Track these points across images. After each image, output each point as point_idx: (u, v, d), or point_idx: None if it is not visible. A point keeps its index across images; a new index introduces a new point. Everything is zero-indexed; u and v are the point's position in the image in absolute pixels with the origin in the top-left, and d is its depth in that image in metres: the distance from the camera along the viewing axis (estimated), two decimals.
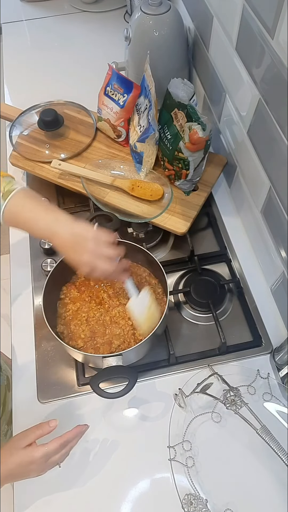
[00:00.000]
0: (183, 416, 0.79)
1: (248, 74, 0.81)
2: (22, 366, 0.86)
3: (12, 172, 1.13)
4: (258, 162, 0.85)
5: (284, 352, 0.81)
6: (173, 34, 1.06)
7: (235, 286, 0.96)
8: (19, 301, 0.94)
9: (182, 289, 0.94)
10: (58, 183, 1.04)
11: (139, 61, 1.08)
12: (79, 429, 0.70)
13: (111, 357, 0.72)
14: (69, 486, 0.75)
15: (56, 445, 0.65)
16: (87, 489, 0.74)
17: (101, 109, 1.07)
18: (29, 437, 0.65)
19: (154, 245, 1.01)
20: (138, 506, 0.73)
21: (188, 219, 0.95)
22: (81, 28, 1.51)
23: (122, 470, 0.76)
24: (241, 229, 1.02)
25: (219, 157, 1.06)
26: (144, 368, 0.85)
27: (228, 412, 0.78)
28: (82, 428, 0.71)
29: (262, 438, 0.74)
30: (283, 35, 0.65)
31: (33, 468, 0.65)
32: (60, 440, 0.66)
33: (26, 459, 0.63)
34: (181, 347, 0.88)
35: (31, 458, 0.63)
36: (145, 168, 1.02)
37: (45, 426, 0.66)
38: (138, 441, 0.78)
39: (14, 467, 0.63)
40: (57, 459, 0.67)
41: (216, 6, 0.92)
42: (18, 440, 0.65)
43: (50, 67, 1.40)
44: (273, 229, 0.85)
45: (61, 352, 0.87)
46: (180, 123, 0.91)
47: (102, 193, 0.99)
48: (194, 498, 0.70)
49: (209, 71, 1.04)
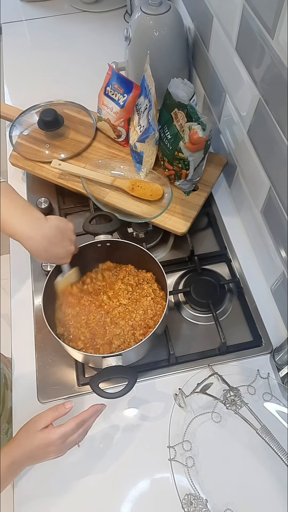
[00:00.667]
0: (183, 416, 0.79)
1: (248, 74, 0.81)
2: (22, 366, 0.86)
3: (12, 172, 1.14)
4: (258, 162, 0.85)
5: (284, 352, 0.81)
6: (173, 34, 1.06)
7: (235, 286, 0.96)
8: (19, 301, 0.94)
9: (182, 289, 0.94)
10: (58, 183, 1.04)
11: (139, 61, 1.08)
12: (95, 408, 0.70)
13: (111, 357, 0.72)
14: (69, 486, 0.75)
15: (72, 425, 0.66)
16: (87, 489, 0.74)
17: (101, 109, 1.07)
18: (45, 419, 0.66)
19: (154, 245, 1.01)
20: (138, 506, 0.73)
21: (188, 219, 0.95)
22: (81, 28, 1.51)
23: (122, 470, 0.76)
24: (241, 229, 1.02)
25: (219, 157, 1.06)
26: (144, 368, 0.85)
27: (228, 412, 0.78)
28: (98, 407, 0.71)
29: (262, 438, 0.74)
30: (283, 35, 0.65)
31: (51, 450, 0.65)
32: (76, 419, 0.67)
33: (44, 441, 0.64)
34: (181, 347, 0.88)
35: (48, 440, 0.64)
36: (145, 168, 1.02)
37: (61, 407, 0.67)
38: (138, 441, 0.78)
39: (33, 449, 0.64)
40: (75, 439, 0.68)
41: (216, 6, 0.92)
42: (35, 422, 0.66)
43: (50, 67, 1.40)
44: (273, 229, 0.85)
45: (61, 352, 0.87)
46: (180, 123, 0.91)
47: (102, 193, 0.99)
48: (194, 498, 0.70)
49: (209, 71, 1.04)
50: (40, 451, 0.65)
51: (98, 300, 0.85)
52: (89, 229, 0.86)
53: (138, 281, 0.87)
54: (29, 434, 0.65)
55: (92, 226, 0.87)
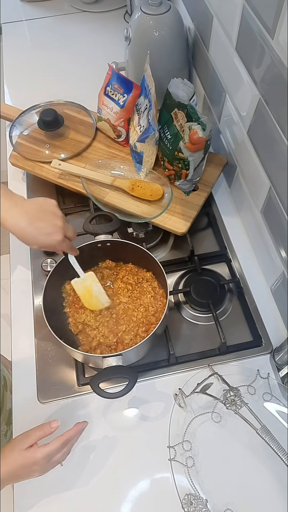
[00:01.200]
0: (183, 416, 0.79)
1: (248, 74, 0.81)
2: (22, 366, 0.86)
3: (12, 172, 1.14)
4: (258, 162, 0.85)
5: (284, 352, 0.81)
6: (173, 34, 1.06)
7: (235, 286, 0.96)
8: (19, 301, 0.94)
9: (182, 289, 0.94)
10: (58, 183, 1.04)
11: (139, 61, 1.08)
12: (79, 426, 0.70)
13: (111, 357, 0.72)
14: (69, 486, 0.75)
15: (57, 444, 0.66)
16: (87, 489, 0.74)
17: (101, 109, 1.07)
18: (30, 438, 0.65)
19: (154, 245, 1.01)
20: (138, 506, 0.73)
21: (188, 219, 0.96)
22: (81, 28, 1.51)
23: (122, 470, 0.76)
24: (241, 229, 1.02)
25: (219, 157, 1.06)
26: (144, 368, 0.85)
27: (228, 412, 0.78)
28: (82, 425, 0.71)
29: (262, 438, 0.74)
30: (283, 35, 0.65)
31: (35, 468, 0.65)
32: (61, 439, 0.67)
33: (29, 460, 0.64)
34: (181, 347, 0.88)
35: (33, 460, 0.64)
36: (145, 168, 1.02)
37: (47, 427, 0.66)
38: (138, 441, 0.78)
39: (17, 468, 0.64)
40: (59, 458, 0.68)
41: (216, 6, 0.92)
42: (20, 441, 0.65)
43: (50, 67, 1.40)
44: (273, 229, 0.85)
45: (61, 352, 0.87)
46: (180, 123, 0.91)
47: (102, 193, 0.99)
48: (194, 498, 0.70)
49: (209, 71, 1.04)
50: (24, 470, 0.65)
51: None
52: (89, 229, 0.86)
53: (138, 280, 0.87)
54: (14, 453, 0.64)
55: (92, 226, 0.87)
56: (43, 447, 0.65)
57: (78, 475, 0.75)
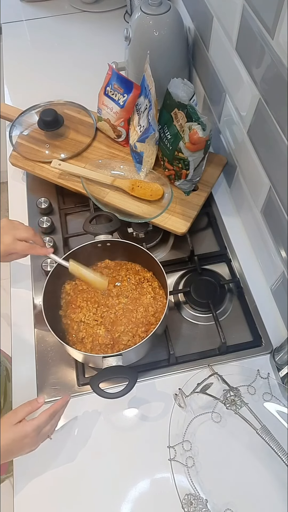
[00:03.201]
0: (183, 416, 0.79)
1: (248, 74, 0.81)
2: (22, 366, 0.86)
3: (12, 172, 1.14)
4: (258, 162, 0.85)
5: (284, 352, 0.81)
6: (173, 34, 1.06)
7: (235, 286, 0.96)
8: (19, 301, 0.94)
9: (182, 289, 0.94)
10: (58, 183, 1.04)
11: (139, 61, 1.08)
12: (64, 399, 0.74)
13: (111, 357, 0.72)
14: (69, 486, 0.75)
15: (45, 416, 0.69)
16: (87, 489, 0.74)
17: (101, 109, 1.07)
18: (19, 414, 0.68)
19: (154, 245, 1.01)
20: (138, 506, 0.73)
21: (188, 219, 0.96)
22: (81, 28, 1.51)
23: (122, 470, 0.76)
24: (241, 229, 1.02)
25: (219, 157, 1.06)
26: (144, 368, 0.85)
27: (228, 412, 0.78)
28: (67, 398, 0.75)
29: (262, 438, 0.74)
30: (283, 35, 0.65)
31: (26, 442, 0.67)
32: (48, 411, 0.70)
33: (20, 434, 0.66)
34: (181, 347, 0.88)
35: (24, 433, 0.66)
36: (145, 168, 1.02)
37: (34, 402, 0.70)
38: (138, 441, 0.78)
39: (8, 443, 0.66)
40: (47, 430, 0.71)
41: (216, 6, 0.92)
42: (9, 418, 0.68)
43: (50, 67, 1.40)
44: (273, 229, 0.85)
45: (61, 352, 0.87)
46: (180, 123, 0.91)
47: (102, 193, 0.99)
48: (194, 498, 0.70)
49: (209, 71, 1.04)
50: (15, 444, 0.67)
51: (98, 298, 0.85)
52: (89, 229, 0.86)
53: (138, 280, 0.87)
54: (4, 429, 0.67)
55: (92, 226, 0.87)
56: (31, 420, 0.68)
57: (78, 475, 0.75)
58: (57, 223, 1.05)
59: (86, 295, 0.85)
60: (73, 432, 0.79)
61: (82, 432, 0.79)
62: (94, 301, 0.84)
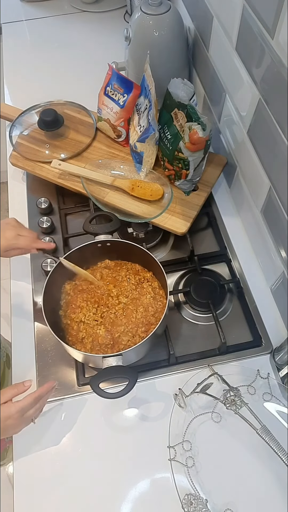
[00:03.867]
0: (183, 416, 0.79)
1: (248, 74, 0.81)
2: (22, 366, 0.86)
3: (12, 172, 1.14)
4: (258, 162, 0.85)
5: (284, 352, 0.81)
6: (173, 34, 1.06)
7: (235, 286, 0.96)
8: (19, 301, 0.94)
9: (182, 289, 0.94)
10: (58, 183, 1.04)
11: (139, 61, 1.08)
12: (50, 384, 0.74)
13: (111, 357, 0.72)
14: (69, 486, 0.75)
15: (30, 399, 0.69)
16: (87, 489, 0.74)
17: (101, 109, 1.07)
18: (5, 396, 0.69)
19: (154, 245, 1.01)
20: (138, 506, 0.73)
21: (188, 219, 0.96)
22: (81, 28, 1.51)
23: (122, 470, 0.76)
24: (241, 229, 1.02)
25: (219, 157, 1.06)
26: (144, 368, 0.85)
27: (228, 412, 0.78)
28: (53, 383, 0.76)
29: (262, 438, 0.74)
30: (283, 35, 0.65)
31: (10, 423, 0.68)
32: (33, 395, 0.70)
33: (4, 414, 0.67)
34: (181, 347, 0.88)
35: (8, 413, 0.67)
36: (145, 168, 1.02)
37: (20, 385, 0.71)
38: (138, 441, 0.78)
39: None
40: (32, 414, 0.71)
41: (216, 6, 0.92)
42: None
43: (50, 67, 1.40)
44: (273, 229, 0.85)
45: (61, 352, 0.87)
46: (180, 123, 0.91)
47: (102, 193, 0.99)
48: (194, 498, 0.70)
49: (209, 71, 1.04)
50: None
51: (99, 297, 0.85)
52: (89, 229, 0.86)
53: (138, 280, 0.87)
54: None
55: (92, 226, 0.87)
56: (16, 402, 0.68)
57: (78, 475, 0.75)
58: (57, 223, 1.05)
59: (86, 295, 0.85)
60: (73, 432, 0.79)
61: (82, 432, 0.79)
62: (94, 301, 0.84)
